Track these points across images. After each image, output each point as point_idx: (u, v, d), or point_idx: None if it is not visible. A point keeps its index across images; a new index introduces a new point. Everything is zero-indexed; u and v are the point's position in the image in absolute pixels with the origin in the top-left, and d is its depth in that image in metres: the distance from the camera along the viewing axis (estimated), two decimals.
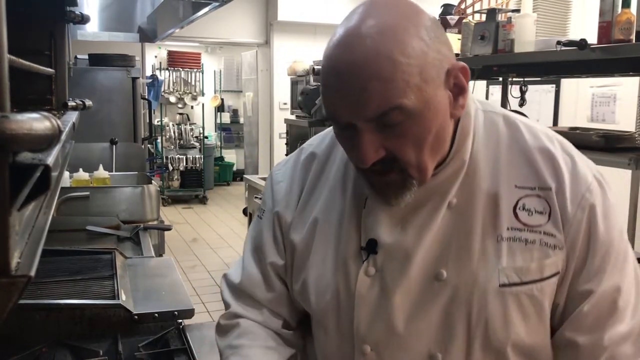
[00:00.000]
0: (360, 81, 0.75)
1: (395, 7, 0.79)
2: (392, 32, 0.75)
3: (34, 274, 0.45)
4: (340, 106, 0.78)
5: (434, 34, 0.79)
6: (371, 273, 0.88)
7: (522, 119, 0.93)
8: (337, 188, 0.96)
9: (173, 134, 8.53)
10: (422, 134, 0.79)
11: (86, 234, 2.42)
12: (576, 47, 2.07)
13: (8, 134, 0.36)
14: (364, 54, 0.75)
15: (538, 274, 0.84)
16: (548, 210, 0.85)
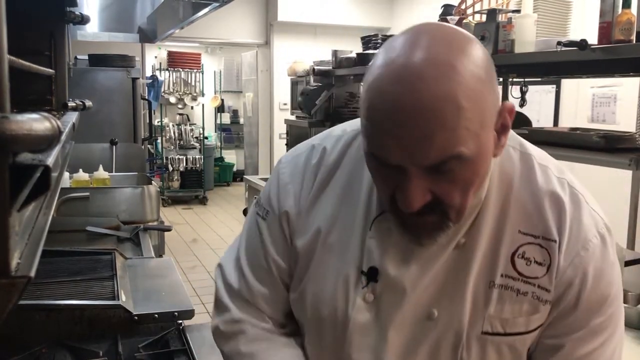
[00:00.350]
0: (422, 129, 0.68)
1: (453, 40, 0.73)
2: (455, 74, 0.69)
3: (33, 274, 0.45)
4: (395, 150, 0.71)
5: (492, 71, 0.74)
6: (369, 300, 0.86)
7: (537, 155, 0.88)
8: (344, 201, 0.91)
9: (173, 134, 8.53)
10: (471, 179, 0.75)
11: (86, 234, 2.42)
12: (576, 48, 2.07)
13: (8, 134, 0.36)
14: (428, 98, 0.68)
15: (524, 327, 0.82)
16: (548, 263, 0.82)
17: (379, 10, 7.28)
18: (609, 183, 3.23)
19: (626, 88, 3.95)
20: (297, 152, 0.99)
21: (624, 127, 3.56)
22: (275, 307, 0.98)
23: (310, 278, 0.92)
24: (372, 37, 4.30)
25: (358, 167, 0.91)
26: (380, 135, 0.72)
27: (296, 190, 0.95)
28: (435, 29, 0.75)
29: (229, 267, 1.01)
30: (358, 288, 0.87)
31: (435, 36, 0.72)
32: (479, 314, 0.82)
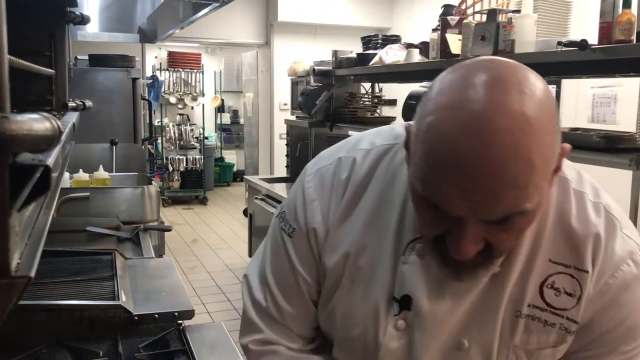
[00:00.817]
0: (492, 186, 0.64)
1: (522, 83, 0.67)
2: (530, 128, 0.64)
3: (33, 274, 0.45)
4: (458, 202, 0.67)
5: (557, 114, 0.69)
6: (401, 328, 0.85)
7: (574, 180, 0.84)
8: (373, 221, 0.87)
9: (173, 134, 8.53)
10: (526, 226, 0.73)
11: (86, 234, 2.42)
12: (577, 48, 2.07)
13: (8, 134, 0.36)
14: (502, 155, 0.63)
15: (550, 358, 0.81)
16: (578, 295, 0.79)
17: (379, 11, 7.28)
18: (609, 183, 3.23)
19: (626, 88, 3.95)
20: (323, 165, 0.94)
21: (624, 127, 3.56)
22: (304, 325, 0.97)
23: (339, 299, 0.90)
24: (372, 37, 4.30)
25: (388, 186, 0.88)
26: (442, 184, 0.67)
27: (323, 208, 0.91)
28: (498, 67, 0.69)
29: (255, 282, 0.98)
30: (389, 314, 0.85)
31: (501, 77, 0.67)
32: (504, 344, 0.81)
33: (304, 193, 0.93)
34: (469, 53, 2.72)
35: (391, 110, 5.60)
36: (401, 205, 0.86)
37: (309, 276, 0.93)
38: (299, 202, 0.93)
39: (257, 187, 4.50)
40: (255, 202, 4.41)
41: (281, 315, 0.95)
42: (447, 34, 2.99)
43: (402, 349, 0.85)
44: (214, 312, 4.34)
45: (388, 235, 0.86)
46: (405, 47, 3.64)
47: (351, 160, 0.91)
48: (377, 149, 0.91)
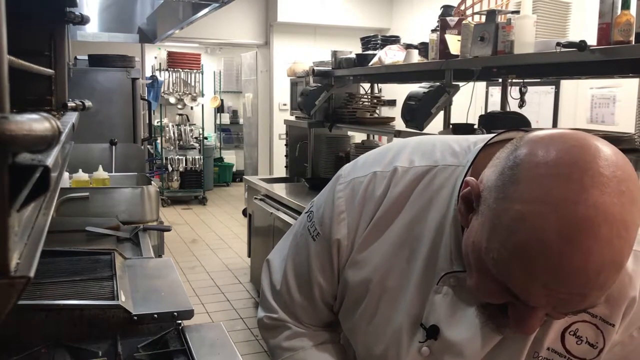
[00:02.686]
0: (581, 289, 0.63)
1: (626, 182, 0.63)
2: (628, 235, 0.63)
3: (33, 274, 0.45)
4: (541, 299, 0.65)
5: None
6: (425, 354, 0.84)
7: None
8: (405, 243, 0.86)
9: (172, 134, 8.53)
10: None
11: (85, 234, 2.42)
12: (576, 49, 2.07)
13: (7, 134, 0.36)
14: (601, 265, 0.62)
15: None
16: (601, 347, 0.78)
17: (378, 11, 7.28)
18: None
19: (625, 89, 3.95)
20: (357, 176, 0.91)
21: (623, 128, 3.56)
22: (313, 318, 1.01)
23: (363, 316, 0.90)
24: (372, 38, 4.30)
25: (424, 210, 0.85)
26: (528, 279, 0.65)
27: (351, 222, 0.89)
28: (604, 162, 0.63)
29: (276, 265, 1.03)
30: (414, 340, 0.85)
31: (608, 177, 0.62)
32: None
33: (334, 202, 0.91)
34: (468, 54, 2.72)
35: (390, 111, 5.60)
36: (435, 232, 0.83)
37: (323, 281, 0.94)
38: (327, 210, 0.92)
39: (257, 187, 4.50)
40: (254, 202, 4.42)
41: (292, 302, 0.99)
42: (446, 34, 2.99)
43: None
44: (213, 312, 4.34)
45: (419, 260, 0.84)
46: (405, 48, 3.64)
47: (387, 176, 0.88)
48: (415, 169, 0.87)
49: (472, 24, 2.74)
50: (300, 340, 0.99)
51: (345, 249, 0.90)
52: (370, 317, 0.89)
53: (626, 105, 3.94)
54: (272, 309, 1.01)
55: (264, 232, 4.29)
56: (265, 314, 1.03)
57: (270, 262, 1.05)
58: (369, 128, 4.21)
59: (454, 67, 2.86)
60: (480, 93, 5.13)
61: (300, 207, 3.65)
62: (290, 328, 1.00)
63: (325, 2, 7.09)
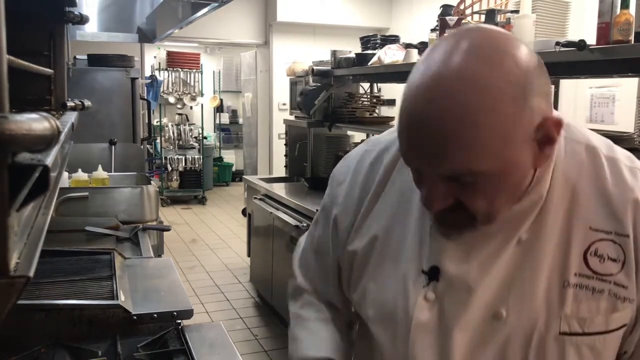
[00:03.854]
0: (437, 144, 0.69)
1: (492, 51, 0.70)
2: (482, 92, 0.68)
3: (32, 274, 0.45)
4: (413, 155, 0.75)
5: (531, 86, 0.70)
6: (431, 299, 0.85)
7: (603, 147, 0.85)
8: (401, 203, 0.92)
9: (172, 134, 8.53)
10: (495, 191, 0.75)
11: (85, 234, 2.42)
12: (575, 48, 2.07)
13: (7, 134, 0.36)
14: (446, 115, 0.68)
15: (603, 326, 0.80)
16: (622, 259, 0.79)
17: (378, 11, 7.28)
18: None
19: (625, 88, 3.96)
20: (354, 151, 1.05)
21: (623, 128, 3.56)
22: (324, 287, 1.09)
23: (370, 278, 0.94)
24: (371, 38, 4.30)
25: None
26: (402, 138, 0.75)
27: (348, 190, 0.99)
28: (474, 36, 0.72)
29: (303, 239, 1.17)
30: (418, 287, 0.87)
31: (470, 45, 0.70)
32: (554, 315, 0.80)
33: (335, 174, 1.05)
34: None
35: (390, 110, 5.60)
36: None
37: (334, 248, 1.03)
38: (330, 183, 1.06)
39: (256, 187, 4.50)
40: (254, 202, 4.41)
41: (309, 271, 1.12)
42: (445, 34, 2.99)
43: (434, 320, 0.85)
44: (213, 311, 4.34)
45: (413, 212, 0.90)
46: (404, 47, 3.64)
47: (377, 150, 0.99)
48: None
49: (472, 24, 2.74)
50: (307, 310, 1.08)
51: (344, 218, 0.99)
52: (377, 277, 0.93)
53: (625, 105, 3.94)
54: (294, 275, 1.14)
55: (264, 231, 4.28)
56: (290, 283, 1.15)
57: (305, 235, 1.18)
58: (368, 128, 4.21)
59: None
60: None
61: (299, 206, 3.65)
62: (303, 298, 1.10)
63: (324, 1, 7.09)
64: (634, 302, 0.80)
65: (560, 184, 0.82)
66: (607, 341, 0.81)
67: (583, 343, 0.80)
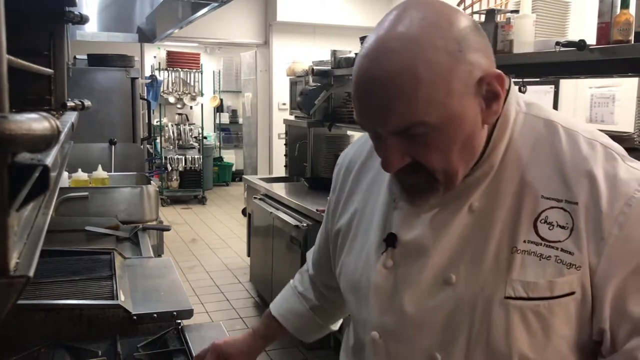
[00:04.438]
0: (382, 98, 0.76)
1: (428, 15, 0.77)
2: (419, 48, 0.75)
3: (32, 274, 0.45)
4: (365, 116, 0.80)
5: (467, 42, 0.77)
6: (388, 265, 0.91)
7: (564, 121, 0.88)
8: (376, 181, 1.00)
9: (172, 134, 8.53)
10: (447, 145, 0.79)
11: (85, 234, 2.42)
12: (575, 48, 2.07)
13: (7, 134, 0.36)
14: (388, 70, 0.75)
15: (547, 291, 0.81)
16: (571, 226, 0.81)
17: (377, 11, 7.28)
18: None
19: (625, 88, 3.95)
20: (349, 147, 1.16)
21: (623, 128, 3.56)
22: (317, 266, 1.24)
23: (347, 253, 1.02)
24: None
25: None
26: (355, 102, 0.81)
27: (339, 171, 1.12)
28: (415, 5, 0.79)
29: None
30: (378, 254, 0.93)
31: (411, 12, 0.78)
32: (501, 279, 0.82)
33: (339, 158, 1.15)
34: None
35: None
36: None
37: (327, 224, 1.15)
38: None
39: (256, 186, 4.50)
40: (254, 202, 4.41)
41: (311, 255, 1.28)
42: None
43: (389, 285, 0.91)
44: (213, 311, 4.34)
45: (383, 188, 0.97)
46: None
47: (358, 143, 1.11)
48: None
49: None
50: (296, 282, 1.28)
51: (333, 198, 1.11)
52: (351, 248, 1.01)
53: (625, 105, 3.94)
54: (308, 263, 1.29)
55: (264, 231, 4.28)
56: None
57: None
58: None
59: None
60: None
61: (299, 206, 3.65)
62: (303, 275, 1.28)
63: (324, 1, 7.09)
64: (581, 270, 0.80)
65: (515, 154, 0.86)
66: (552, 308, 0.81)
67: (527, 308, 0.81)
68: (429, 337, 0.87)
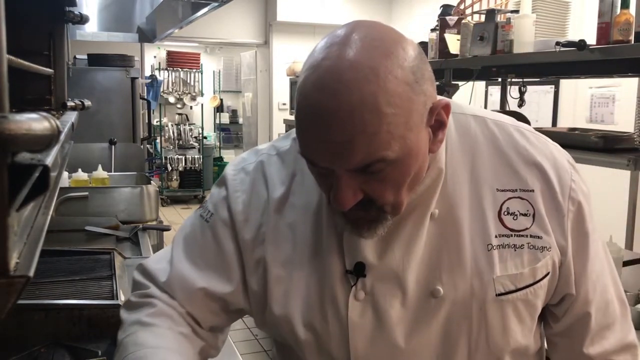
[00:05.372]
0: (344, 134, 0.69)
1: (379, 42, 0.72)
2: (378, 79, 0.69)
3: (32, 274, 0.45)
4: (321, 154, 0.73)
5: (421, 72, 0.74)
6: (361, 297, 0.85)
7: (488, 114, 0.91)
8: (309, 208, 0.90)
9: (172, 134, 8.53)
10: (401, 178, 0.76)
11: (85, 234, 2.42)
12: (575, 48, 2.07)
13: (7, 134, 0.36)
14: (349, 104, 0.68)
15: (531, 278, 0.84)
16: (532, 212, 0.84)
17: (377, 11, 7.28)
18: (607, 183, 3.24)
19: (625, 88, 3.96)
20: (246, 160, 0.99)
21: (623, 128, 3.57)
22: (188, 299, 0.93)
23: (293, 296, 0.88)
24: None
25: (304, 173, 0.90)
26: (307, 138, 0.74)
27: (247, 201, 0.93)
28: (363, 30, 0.74)
29: (157, 265, 0.97)
30: (346, 288, 0.85)
31: (362, 38, 0.72)
32: (487, 279, 0.83)
33: (228, 184, 0.96)
34: (468, 53, 2.72)
35: None
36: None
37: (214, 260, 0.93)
38: (221, 190, 0.97)
39: None
40: None
41: (172, 280, 0.93)
42: (445, 34, 2.99)
43: (370, 319, 0.85)
44: None
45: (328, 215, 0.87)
46: None
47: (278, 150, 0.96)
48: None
49: (472, 24, 2.74)
50: (162, 320, 0.89)
51: (246, 231, 0.91)
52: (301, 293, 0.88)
53: (625, 105, 3.94)
54: (144, 285, 0.95)
55: None
56: (132, 295, 0.96)
57: (145, 262, 1.00)
58: None
59: (453, 67, 2.85)
60: (479, 92, 5.13)
61: None
62: (155, 306, 0.91)
63: (324, 1, 7.09)
64: (552, 250, 0.84)
65: (457, 154, 0.86)
66: (537, 292, 0.85)
67: (518, 299, 0.84)
68: (428, 353, 0.85)
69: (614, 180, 3.21)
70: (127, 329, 0.90)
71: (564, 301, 0.89)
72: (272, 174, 0.94)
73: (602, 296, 0.89)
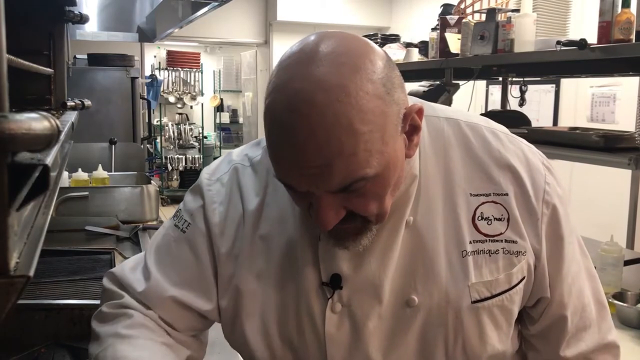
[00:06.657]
0: (321, 158, 0.67)
1: (346, 56, 0.69)
2: (350, 98, 0.66)
3: (32, 274, 0.45)
4: (298, 178, 0.71)
5: (391, 82, 0.71)
6: (337, 309, 0.83)
7: (462, 115, 0.89)
8: (283, 221, 0.87)
9: (172, 134, 8.53)
10: (382, 190, 0.74)
11: (85, 234, 2.42)
12: (576, 47, 2.07)
13: (7, 134, 0.36)
14: (323, 128, 0.66)
15: (507, 284, 0.83)
16: (506, 217, 0.83)
17: (378, 10, 7.28)
18: (608, 183, 3.23)
19: (625, 87, 3.96)
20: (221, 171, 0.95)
21: (623, 127, 3.57)
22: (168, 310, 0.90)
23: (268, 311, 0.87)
24: (372, 37, 4.30)
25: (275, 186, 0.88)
26: (282, 164, 0.72)
27: (224, 213, 0.90)
28: (329, 44, 0.71)
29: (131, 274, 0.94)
30: (322, 301, 0.84)
31: (328, 54, 0.69)
32: (462, 287, 0.82)
33: (204, 194, 0.93)
34: (468, 52, 2.72)
35: None
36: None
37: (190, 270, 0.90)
38: (197, 200, 0.93)
39: None
40: None
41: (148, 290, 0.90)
42: (446, 33, 2.99)
43: (348, 331, 0.84)
44: None
45: (301, 227, 0.86)
46: (405, 47, 3.64)
47: (252, 160, 0.93)
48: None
49: (472, 23, 2.74)
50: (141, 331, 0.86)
51: (222, 244, 0.89)
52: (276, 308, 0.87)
53: (626, 104, 3.94)
54: (117, 295, 0.91)
55: None
56: (104, 305, 0.92)
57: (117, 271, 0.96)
58: None
59: (454, 66, 2.85)
60: (480, 92, 5.13)
61: None
62: (132, 317, 0.87)
63: (324, 1, 7.09)
64: (527, 254, 0.83)
65: (431, 159, 0.85)
66: (512, 297, 0.84)
67: (494, 305, 0.83)
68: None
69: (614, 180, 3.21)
70: (103, 341, 0.85)
71: (539, 304, 0.88)
72: (247, 185, 0.91)
73: (579, 299, 0.88)
